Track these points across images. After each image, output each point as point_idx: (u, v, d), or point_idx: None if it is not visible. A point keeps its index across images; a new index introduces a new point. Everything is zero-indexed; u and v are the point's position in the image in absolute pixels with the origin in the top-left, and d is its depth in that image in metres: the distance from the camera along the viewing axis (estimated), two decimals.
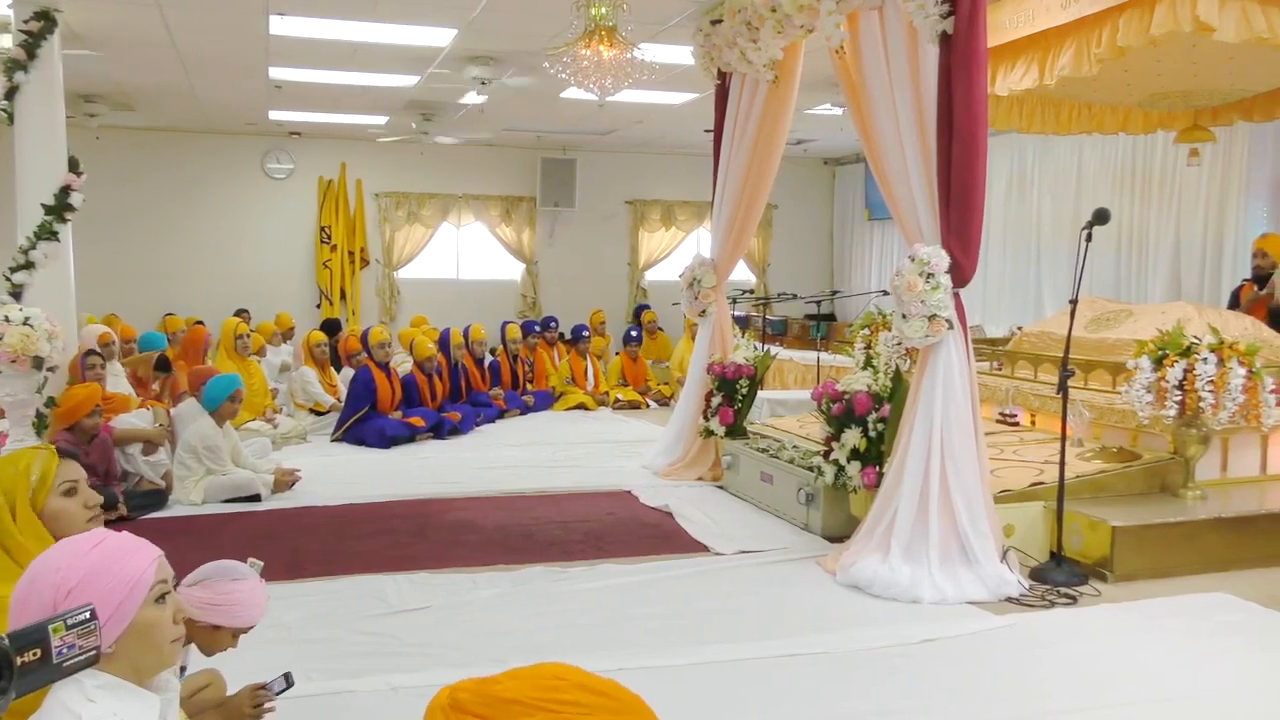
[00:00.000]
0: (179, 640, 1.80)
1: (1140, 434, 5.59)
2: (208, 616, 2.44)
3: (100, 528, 2.10)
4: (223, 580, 2.50)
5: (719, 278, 7.31)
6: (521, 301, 14.41)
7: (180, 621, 1.80)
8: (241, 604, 2.49)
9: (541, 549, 5.26)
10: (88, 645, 1.57)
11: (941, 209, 4.76)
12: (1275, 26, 5.36)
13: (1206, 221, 9.34)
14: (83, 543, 1.73)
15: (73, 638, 1.54)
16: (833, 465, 5.29)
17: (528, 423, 9.85)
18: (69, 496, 2.40)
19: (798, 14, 5.83)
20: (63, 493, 2.40)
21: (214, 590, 2.47)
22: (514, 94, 9.94)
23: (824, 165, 15.70)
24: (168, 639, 1.76)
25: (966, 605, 4.39)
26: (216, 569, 2.53)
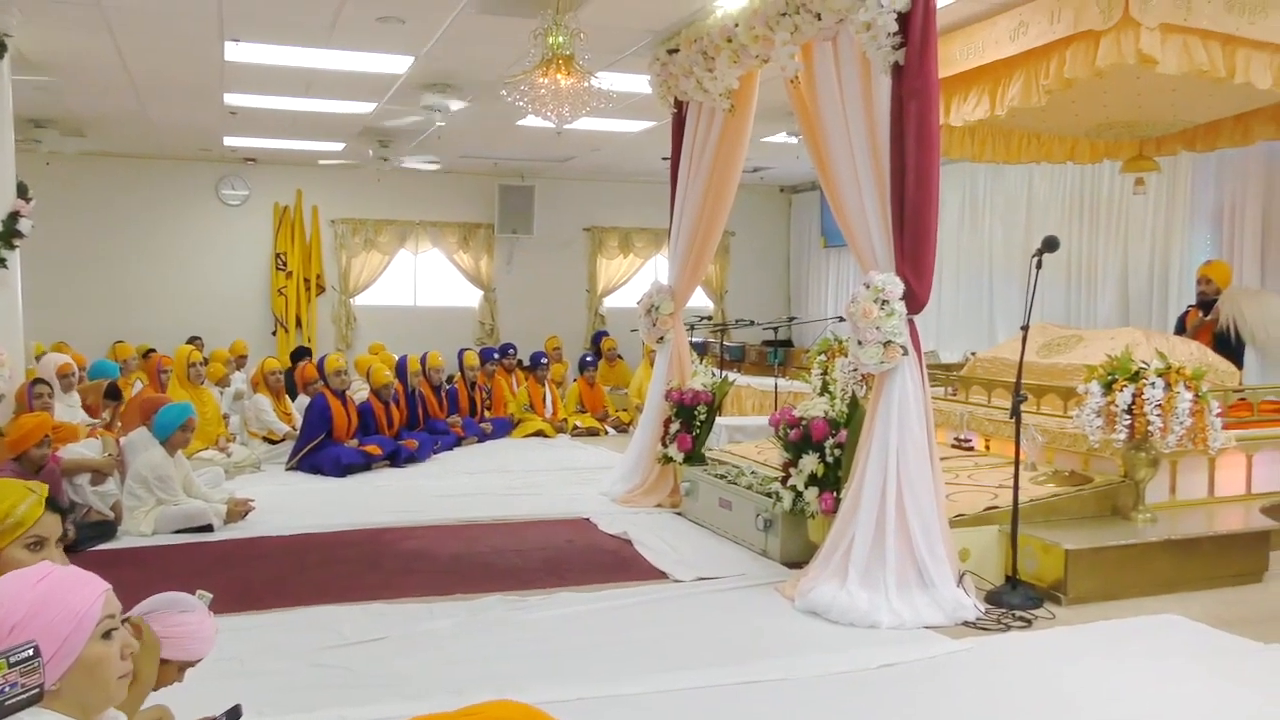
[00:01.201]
0: (127, 677, 1.77)
1: (1092, 457, 5.67)
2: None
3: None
4: (170, 612, 2.45)
5: (677, 304, 7.33)
6: (479, 328, 14.36)
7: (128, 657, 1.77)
8: (189, 636, 2.44)
9: (499, 578, 5.22)
10: (30, 684, 1.53)
11: (895, 236, 4.83)
12: (1215, 60, 5.52)
13: (1153, 249, 9.54)
14: (28, 576, 1.70)
15: (15, 675, 1.51)
16: (790, 491, 5.31)
17: (485, 450, 9.79)
18: (32, 551, 2.33)
19: (753, 44, 5.90)
20: (26, 545, 2.33)
21: (161, 623, 2.42)
22: (472, 121, 9.95)
23: (780, 193, 15.85)
24: (115, 675, 1.72)
25: (924, 630, 4.41)
26: (163, 601, 2.48)
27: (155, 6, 6.52)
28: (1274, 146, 8.24)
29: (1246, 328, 7.18)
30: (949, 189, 11.45)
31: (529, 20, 6.25)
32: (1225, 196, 8.94)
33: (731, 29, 6.05)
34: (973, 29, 6.45)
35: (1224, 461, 5.81)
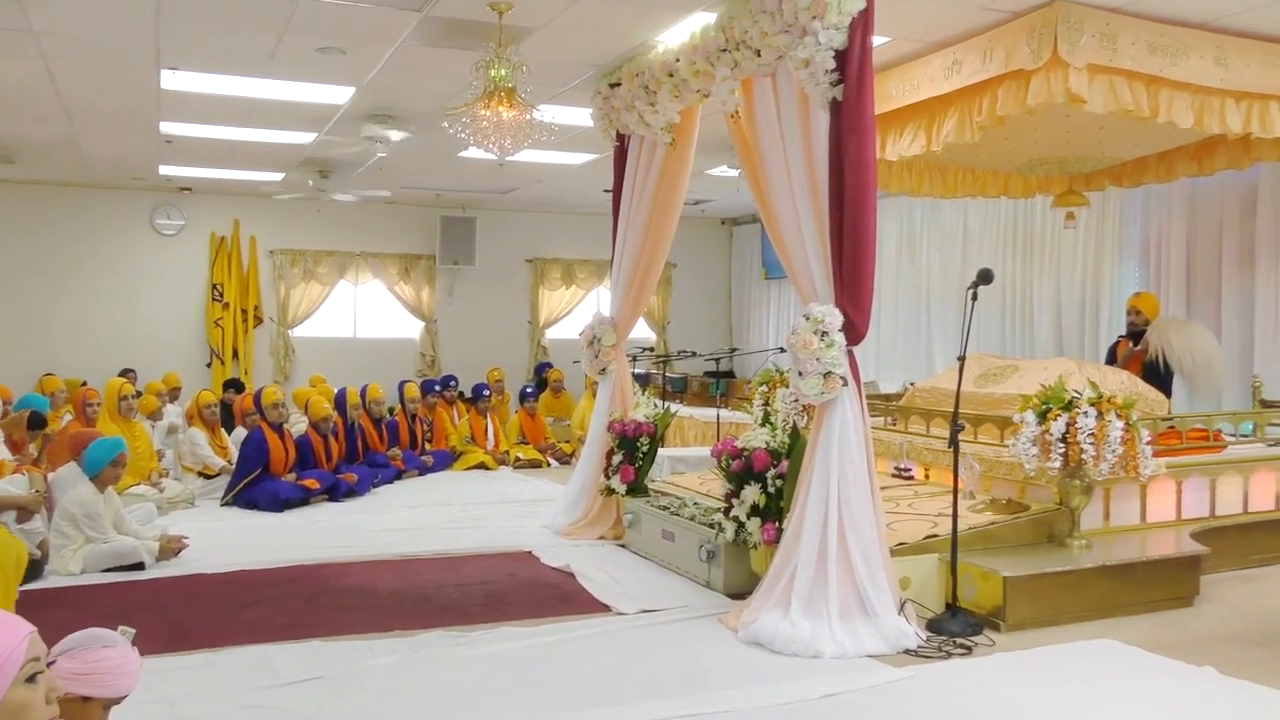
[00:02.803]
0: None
1: (1028, 485, 5.76)
2: (77, 688, 2.31)
3: None
4: (91, 648, 2.38)
5: (619, 336, 7.34)
6: (420, 360, 14.24)
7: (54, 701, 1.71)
8: (112, 672, 2.37)
9: (440, 613, 5.15)
10: None
11: (834, 269, 4.89)
12: (1139, 99, 5.70)
13: (1084, 281, 9.78)
14: None
15: None
16: (733, 522, 5.32)
17: (426, 483, 9.68)
18: None
19: (694, 79, 5.97)
20: None
21: (82, 659, 2.35)
22: (413, 152, 9.92)
23: (722, 225, 16.00)
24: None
25: (866, 659, 4.43)
26: (84, 637, 2.41)
27: (90, 35, 6.43)
28: (1196, 182, 8.52)
29: (1174, 357, 7.38)
30: (887, 222, 11.66)
31: (471, 53, 6.27)
32: (1152, 230, 9.21)
33: (673, 64, 6.12)
34: (908, 67, 6.60)
35: (1154, 488, 5.95)
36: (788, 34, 4.98)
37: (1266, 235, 8.22)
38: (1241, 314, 8.40)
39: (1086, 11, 5.50)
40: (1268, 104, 6.14)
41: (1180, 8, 5.61)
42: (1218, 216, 8.63)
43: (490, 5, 5.82)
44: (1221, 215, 8.60)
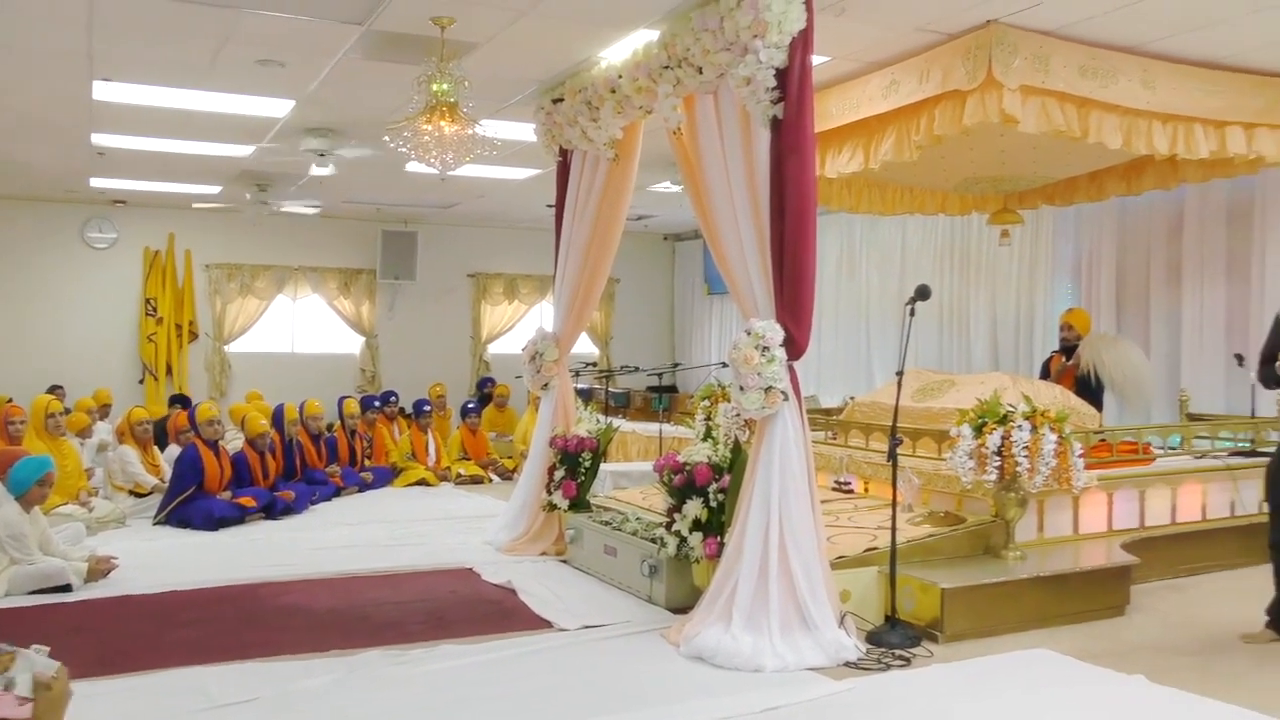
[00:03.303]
0: None
1: (965, 498, 5.85)
2: None
3: None
4: None
5: (561, 351, 7.33)
6: (361, 375, 14.09)
7: None
8: None
9: (379, 631, 5.08)
10: None
11: (775, 285, 4.93)
12: (1071, 120, 5.85)
13: (1018, 297, 9.98)
14: None
15: None
16: (675, 536, 5.32)
17: (366, 500, 9.56)
18: None
19: (636, 95, 6.00)
20: None
21: None
22: (354, 166, 9.83)
23: (664, 240, 16.06)
24: None
25: (807, 671, 4.45)
26: None
27: (21, 43, 6.29)
28: (1126, 202, 8.75)
29: (1105, 372, 7.55)
30: (827, 239, 11.81)
31: (413, 67, 6.24)
32: (1083, 248, 9.44)
33: (615, 80, 6.14)
34: (847, 86, 6.70)
35: (1087, 500, 6.07)
36: (729, 52, 5.03)
37: (1192, 253, 8.47)
38: (1169, 330, 8.63)
39: (1020, 34, 5.63)
40: (1192, 126, 6.33)
41: (1109, 32, 5.77)
42: (1146, 235, 8.87)
43: (433, 20, 5.80)
44: (1149, 234, 8.84)
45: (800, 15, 4.82)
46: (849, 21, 5.65)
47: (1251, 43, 6.01)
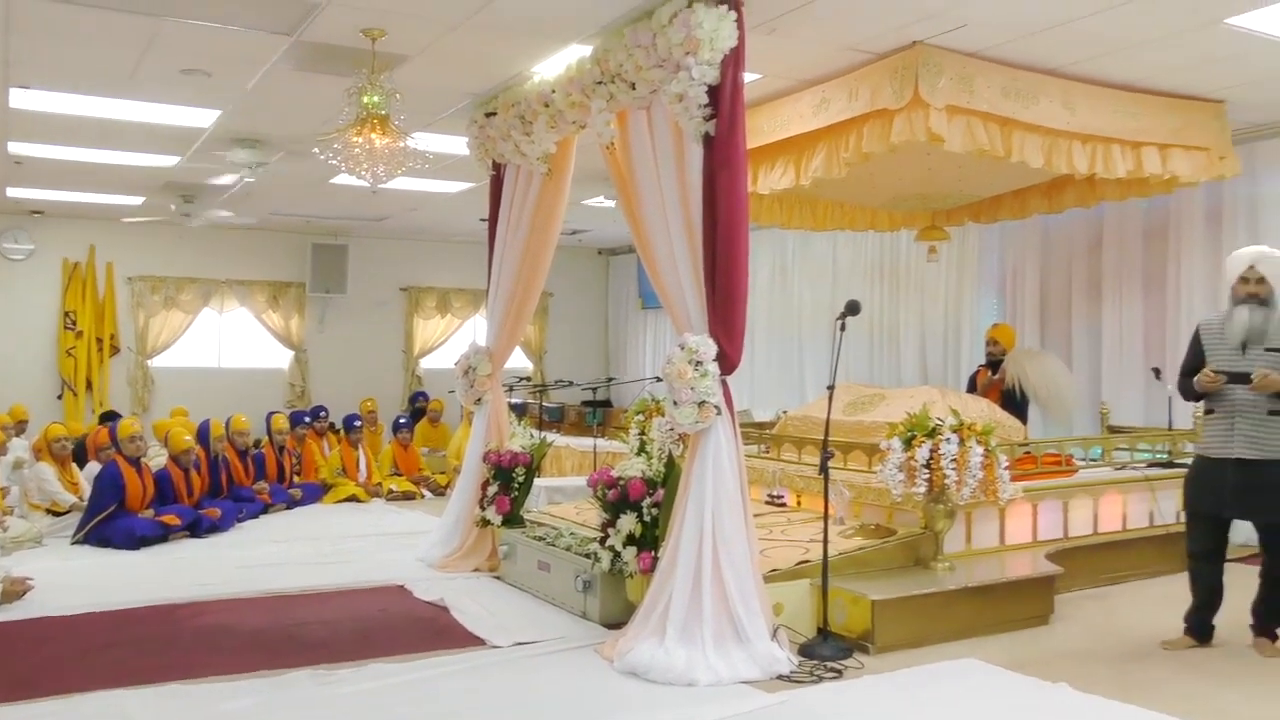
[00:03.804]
0: None
1: (895, 511, 5.92)
2: None
3: None
4: None
5: (495, 365, 7.29)
6: (290, 390, 13.84)
7: None
8: None
9: (306, 651, 4.98)
10: None
11: (708, 299, 4.96)
12: (994, 140, 5.99)
13: (946, 311, 10.17)
14: None
15: None
16: (609, 551, 5.31)
17: (294, 517, 9.39)
18: None
19: (570, 110, 6.00)
20: None
21: None
22: (282, 177, 9.69)
23: (599, 255, 16.08)
24: None
25: (740, 685, 4.46)
26: None
27: None
28: (1048, 219, 8.97)
29: (1029, 386, 7.73)
30: (760, 254, 11.91)
31: (344, 78, 6.18)
32: (1008, 264, 9.66)
33: (549, 95, 6.14)
34: (779, 103, 6.78)
35: (1012, 511, 6.19)
36: (662, 68, 5.06)
37: (1111, 269, 8.71)
38: (1090, 343, 8.85)
39: (945, 55, 5.76)
40: (1110, 146, 6.52)
41: (1030, 55, 5.93)
42: (1067, 251, 9.10)
43: (363, 31, 5.75)
44: (1071, 250, 9.07)
45: (732, 33, 4.88)
46: (780, 40, 5.72)
47: (1164, 67, 6.22)
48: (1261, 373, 4.74)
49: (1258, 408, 4.79)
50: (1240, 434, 4.84)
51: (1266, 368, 4.76)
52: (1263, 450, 4.79)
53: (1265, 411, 4.78)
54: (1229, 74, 6.35)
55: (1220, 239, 7.89)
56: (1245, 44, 5.77)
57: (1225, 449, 4.88)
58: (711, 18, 4.83)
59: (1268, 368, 4.76)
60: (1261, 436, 4.79)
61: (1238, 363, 4.85)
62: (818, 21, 5.48)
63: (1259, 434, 4.80)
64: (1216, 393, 4.89)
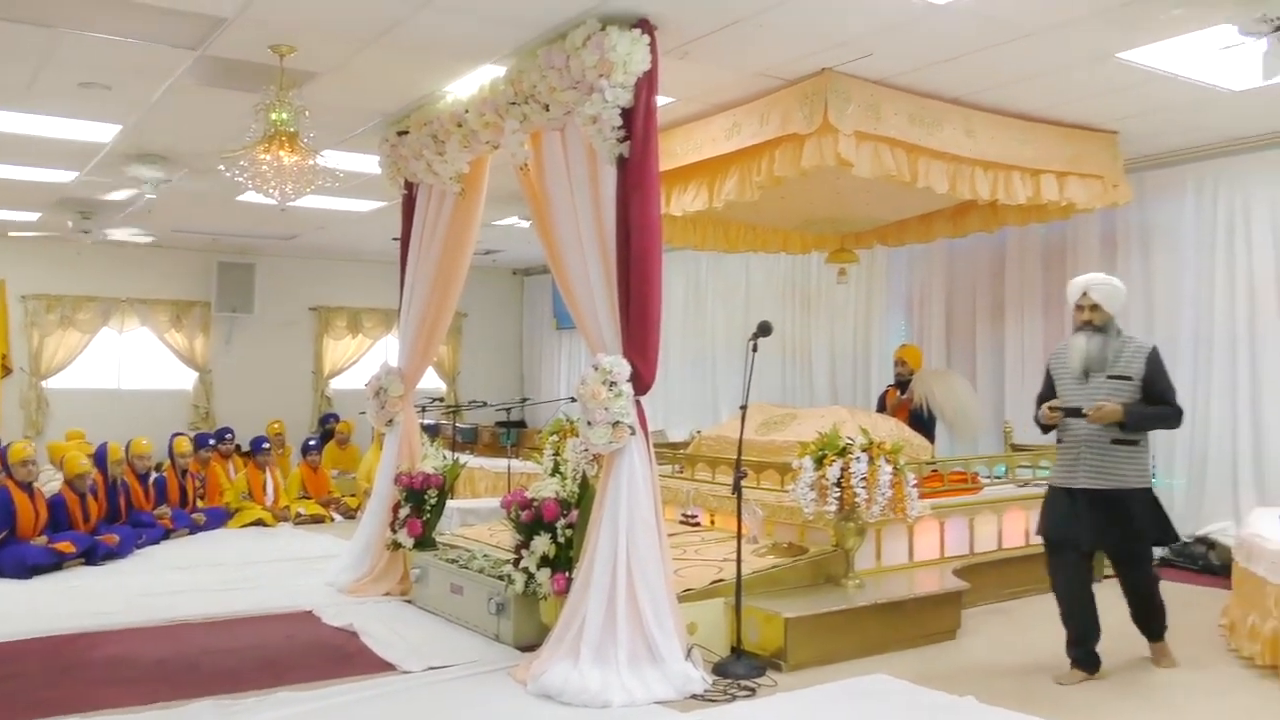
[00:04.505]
0: None
1: (807, 529, 5.99)
2: None
3: None
4: None
5: (406, 386, 7.20)
6: (194, 412, 13.45)
7: None
8: None
9: (209, 681, 4.84)
10: None
11: (622, 320, 4.98)
12: (901, 165, 6.14)
13: (856, 332, 10.36)
14: None
15: None
16: (523, 573, 5.28)
17: (198, 543, 9.12)
18: None
19: (483, 130, 5.99)
20: None
21: None
22: (187, 194, 9.45)
23: (513, 275, 16.02)
24: None
25: (655, 705, 4.47)
26: None
27: None
28: (953, 243, 9.22)
29: (936, 405, 7.90)
30: (674, 275, 11.99)
31: (251, 94, 6.06)
32: (915, 286, 9.89)
33: (462, 114, 6.12)
34: (691, 126, 6.86)
35: (921, 528, 6.31)
36: (575, 90, 5.09)
37: (1013, 292, 8.98)
38: (993, 363, 9.10)
39: (853, 82, 5.89)
40: (1010, 174, 6.73)
41: (933, 83, 6.10)
42: (971, 275, 9.36)
43: (272, 47, 5.65)
44: (975, 274, 9.33)
45: (645, 56, 4.93)
46: (692, 65, 5.79)
47: (1060, 99, 6.46)
48: (1096, 405, 4.75)
49: (1101, 437, 4.80)
50: (1085, 464, 4.85)
51: (1106, 396, 4.79)
52: (1108, 479, 4.81)
53: (1109, 441, 4.80)
54: (1120, 106, 6.63)
55: (1114, 263, 8.21)
56: (1135, 78, 6.03)
57: (1071, 479, 4.90)
58: (625, 41, 4.88)
59: (1108, 396, 4.79)
60: (1106, 466, 4.81)
61: (1081, 391, 4.87)
62: (729, 48, 5.57)
63: (1103, 463, 4.81)
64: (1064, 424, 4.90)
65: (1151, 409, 4.85)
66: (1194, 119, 6.93)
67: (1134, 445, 4.85)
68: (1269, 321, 7.35)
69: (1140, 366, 4.84)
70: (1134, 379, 4.83)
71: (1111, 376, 4.84)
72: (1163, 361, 4.92)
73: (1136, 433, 4.85)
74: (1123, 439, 4.81)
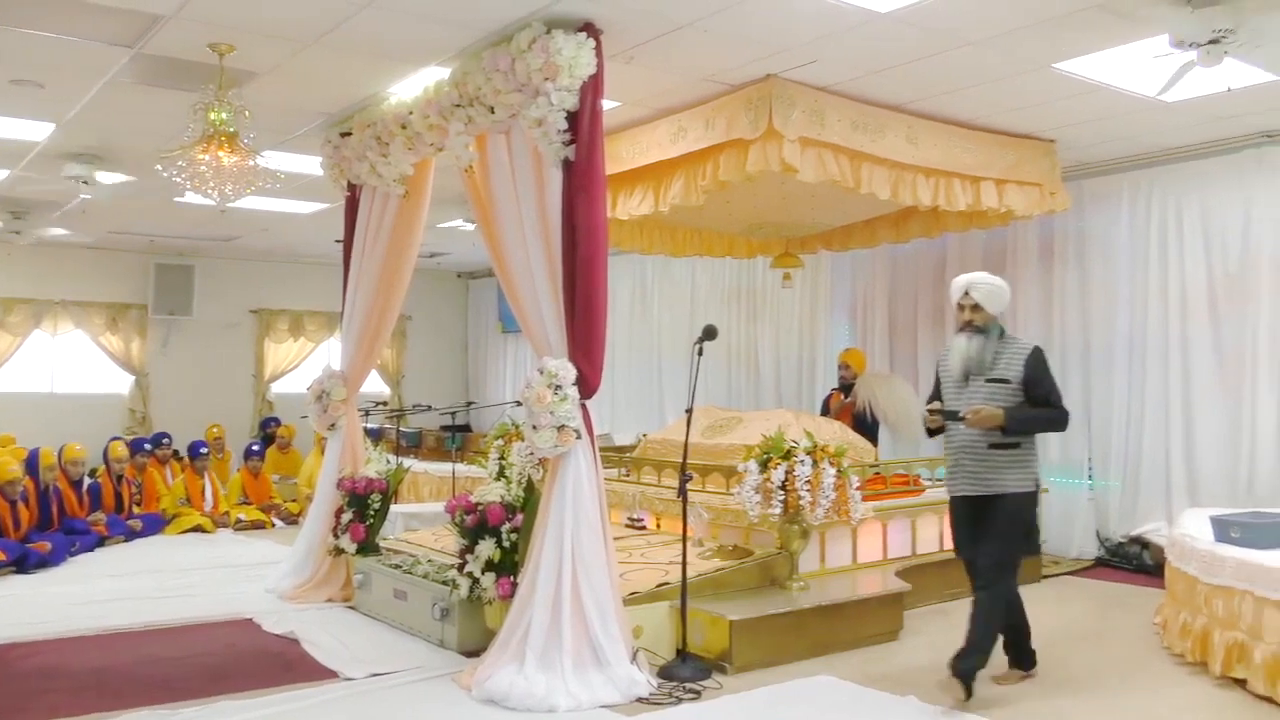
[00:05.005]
0: None
1: (752, 532, 6.03)
2: None
3: None
4: None
5: (350, 389, 7.12)
6: (130, 417, 13.18)
7: None
8: None
9: (147, 691, 4.74)
10: None
11: (568, 324, 4.97)
12: (845, 171, 6.20)
13: (800, 336, 10.45)
14: None
15: None
16: (467, 578, 5.24)
17: (134, 550, 8.93)
18: None
19: (427, 132, 5.94)
20: None
21: None
22: (124, 195, 9.25)
23: (458, 278, 15.92)
24: None
25: (601, 709, 4.47)
26: None
27: None
28: (896, 248, 9.34)
29: (879, 408, 7.97)
30: (620, 279, 11.99)
31: (190, 94, 5.96)
32: (858, 291, 9.99)
33: (406, 116, 6.07)
34: (637, 131, 6.87)
35: (864, 530, 6.38)
36: (521, 93, 5.07)
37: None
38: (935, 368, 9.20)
39: (797, 89, 5.95)
40: (951, 180, 6.84)
41: (875, 91, 6.18)
42: (914, 279, 9.48)
43: (211, 46, 5.56)
44: (917, 278, 9.45)
45: (591, 60, 4.94)
46: (638, 69, 5.81)
47: (999, 107, 6.57)
48: (973, 409, 4.59)
49: (979, 442, 4.66)
50: (964, 470, 4.74)
51: (984, 400, 4.63)
52: (985, 486, 4.67)
53: (986, 446, 4.66)
54: (1058, 115, 6.76)
55: (1052, 269, 8.38)
56: (1072, 88, 6.16)
57: (953, 486, 4.82)
58: (570, 45, 4.88)
59: (986, 399, 4.63)
60: (982, 472, 4.67)
61: (960, 395, 4.73)
62: (674, 53, 5.59)
63: (980, 469, 4.68)
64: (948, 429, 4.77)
65: (1034, 412, 4.68)
66: (1129, 129, 7.10)
67: (1014, 449, 4.68)
68: (1200, 328, 7.54)
69: (1020, 369, 4.66)
70: (1013, 381, 4.65)
71: (990, 379, 4.67)
72: (1046, 362, 4.74)
73: (1019, 436, 4.67)
74: (1002, 443, 4.65)
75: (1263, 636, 4.55)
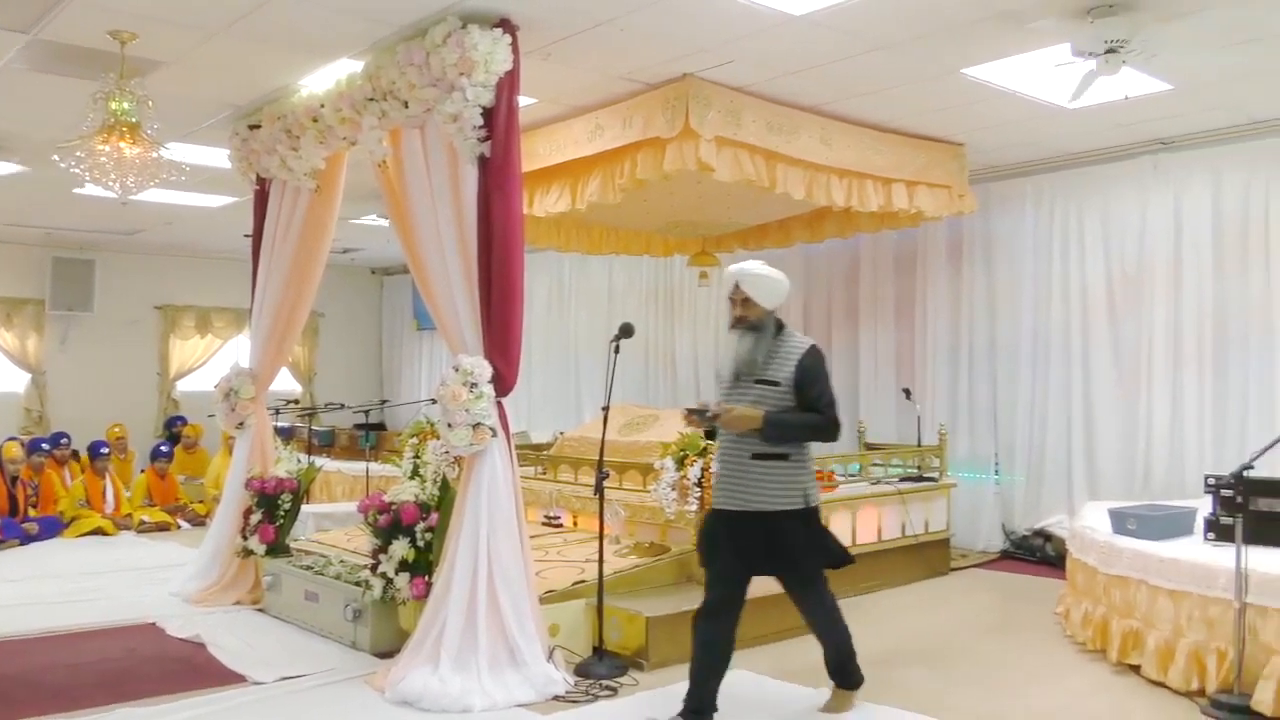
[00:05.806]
0: None
1: (669, 528, 6.06)
2: None
3: None
4: None
5: (259, 388, 6.96)
6: (26, 416, 12.67)
7: None
8: None
9: (43, 699, 4.58)
10: None
11: (483, 321, 4.94)
12: (760, 171, 6.27)
13: (717, 335, 10.51)
14: None
15: None
16: (380, 578, 5.18)
17: (30, 554, 8.62)
18: None
19: (340, 126, 5.84)
20: None
21: None
22: (18, 186, 8.91)
23: (372, 274, 15.68)
24: None
25: (516, 709, 4.45)
26: None
27: None
28: (810, 248, 9.47)
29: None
30: (537, 276, 11.94)
31: (90, 82, 5.75)
32: None
33: (317, 109, 5.96)
34: (554, 128, 6.84)
35: None
36: (436, 88, 5.02)
37: (867, 296, 9.29)
38: (848, 365, 9.38)
39: (713, 89, 5.99)
40: (864, 181, 6.95)
41: (790, 92, 6.25)
42: (827, 279, 9.63)
43: (111, 33, 5.37)
44: (830, 278, 9.60)
45: (507, 56, 4.91)
46: (555, 66, 5.78)
47: (910, 110, 6.71)
48: (725, 407, 4.05)
49: (740, 451, 4.11)
50: (724, 482, 4.18)
51: (751, 403, 4.08)
52: (742, 502, 4.10)
53: (748, 455, 4.09)
54: (966, 119, 6.93)
55: (960, 269, 8.59)
56: (979, 93, 6.31)
57: (716, 499, 4.27)
58: (486, 40, 4.84)
59: (754, 403, 4.07)
60: (741, 486, 4.10)
61: (729, 397, 4.17)
62: (591, 50, 5.58)
63: (740, 482, 4.11)
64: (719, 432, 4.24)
65: (796, 416, 4.10)
66: (1033, 134, 7.30)
67: (780, 460, 4.09)
68: (1100, 327, 7.80)
69: (790, 370, 4.13)
70: (782, 384, 4.11)
71: (760, 380, 4.12)
72: (822, 363, 4.25)
73: (781, 445, 4.09)
74: (765, 453, 4.06)
75: (1155, 624, 4.73)
